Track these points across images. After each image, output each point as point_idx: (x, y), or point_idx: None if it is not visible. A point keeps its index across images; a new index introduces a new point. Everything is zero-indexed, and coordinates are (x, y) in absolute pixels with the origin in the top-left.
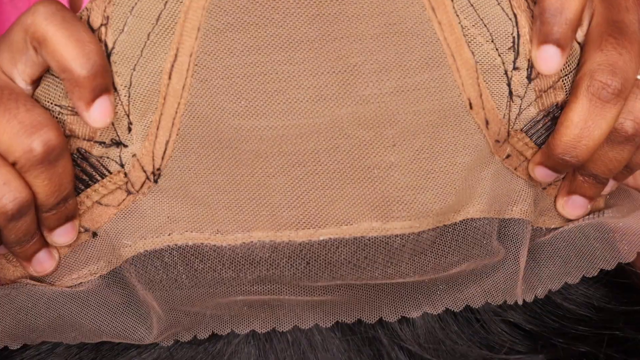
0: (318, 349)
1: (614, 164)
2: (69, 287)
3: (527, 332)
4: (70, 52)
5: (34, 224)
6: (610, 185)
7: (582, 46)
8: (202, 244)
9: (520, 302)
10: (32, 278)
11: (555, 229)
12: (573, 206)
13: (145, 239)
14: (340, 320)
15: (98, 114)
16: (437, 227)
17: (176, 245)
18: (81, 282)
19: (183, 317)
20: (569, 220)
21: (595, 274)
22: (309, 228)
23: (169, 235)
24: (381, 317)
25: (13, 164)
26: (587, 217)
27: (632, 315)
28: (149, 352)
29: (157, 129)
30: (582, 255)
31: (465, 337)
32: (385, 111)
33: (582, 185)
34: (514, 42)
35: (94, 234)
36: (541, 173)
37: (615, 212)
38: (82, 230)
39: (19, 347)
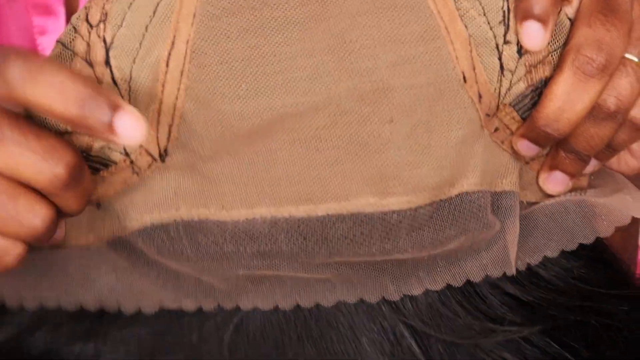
0: (322, 324)
1: (595, 140)
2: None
3: (523, 303)
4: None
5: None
6: (593, 164)
7: (572, 21)
8: (207, 219)
9: (513, 273)
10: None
11: (536, 203)
12: (554, 182)
13: (152, 213)
14: (342, 300)
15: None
16: (434, 201)
17: (182, 219)
18: (88, 247)
19: (191, 285)
20: (550, 196)
21: (574, 248)
22: (308, 204)
23: (176, 210)
24: (384, 296)
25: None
26: (569, 194)
27: (611, 289)
28: (153, 322)
29: (159, 115)
30: (562, 229)
31: (465, 310)
32: (382, 85)
33: (564, 161)
34: (504, 16)
35: (98, 205)
36: (524, 146)
37: (598, 192)
38: None
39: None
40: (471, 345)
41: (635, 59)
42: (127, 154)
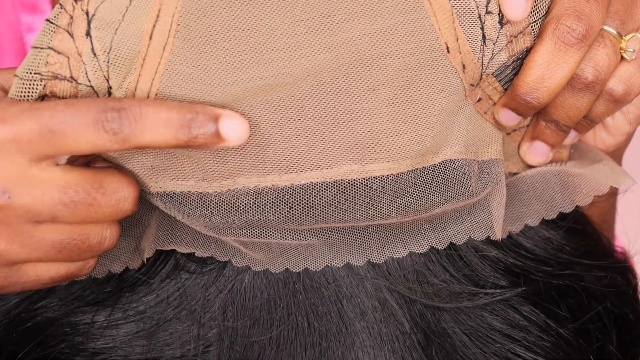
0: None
1: (573, 111)
2: None
3: (506, 268)
4: None
5: None
6: (572, 136)
7: None
8: (189, 192)
9: (499, 238)
10: None
11: (517, 173)
12: (535, 152)
13: None
14: (329, 265)
15: None
16: (417, 168)
17: (165, 192)
18: None
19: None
20: (531, 167)
21: (554, 217)
22: (291, 172)
23: (155, 182)
24: (369, 259)
25: None
26: (549, 164)
27: (590, 259)
28: (164, 287)
29: (135, 89)
30: (542, 198)
31: (449, 275)
32: (361, 54)
33: (544, 131)
34: None
35: None
36: (505, 115)
37: (577, 163)
38: None
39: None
40: (455, 309)
41: (614, 31)
42: None
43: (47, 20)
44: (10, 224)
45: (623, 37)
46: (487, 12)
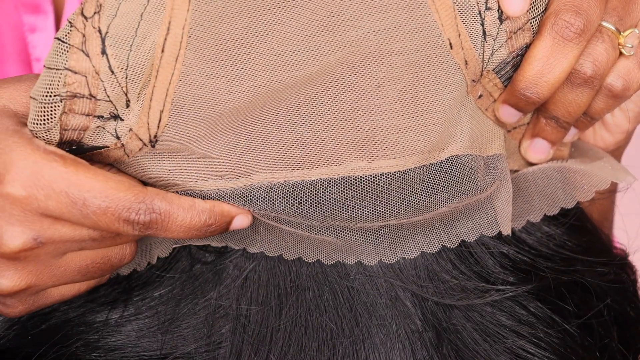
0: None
1: (573, 106)
2: None
3: (515, 264)
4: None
5: None
6: (572, 133)
7: None
8: (208, 190)
9: (509, 233)
10: None
11: (519, 170)
12: (535, 149)
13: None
14: (341, 261)
15: None
16: (424, 165)
17: (183, 191)
18: None
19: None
20: (532, 164)
21: (556, 212)
22: (302, 168)
23: (175, 186)
24: (381, 259)
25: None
26: (550, 162)
27: (592, 256)
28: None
29: (151, 100)
30: (544, 194)
31: (460, 272)
32: (369, 51)
33: (545, 128)
34: None
35: None
36: (505, 111)
37: (578, 160)
38: None
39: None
40: (466, 307)
41: (612, 27)
42: (118, 137)
43: (59, 39)
44: (40, 261)
45: (621, 33)
46: (487, 8)
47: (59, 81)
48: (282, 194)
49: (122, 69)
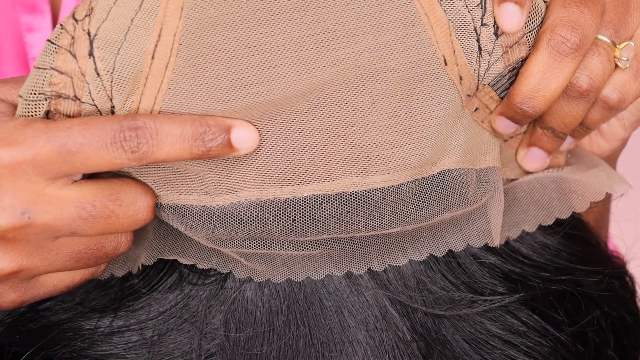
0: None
1: (569, 118)
2: None
3: (504, 274)
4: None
5: None
6: (568, 142)
7: (547, 4)
8: (192, 205)
9: (497, 245)
10: None
11: (515, 180)
12: (532, 158)
13: None
14: (330, 274)
15: None
16: (416, 179)
17: (167, 204)
18: None
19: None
20: (528, 173)
21: (551, 223)
22: (292, 185)
23: (158, 197)
24: (370, 268)
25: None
26: (546, 170)
27: (587, 265)
28: (169, 296)
29: (138, 108)
30: (539, 204)
31: (449, 282)
32: (365, 69)
33: (541, 138)
34: None
35: None
36: (502, 123)
37: (574, 169)
38: None
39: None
40: (455, 317)
41: (607, 40)
42: None
43: (49, 40)
44: (30, 241)
45: (617, 46)
46: (483, 25)
47: (44, 80)
48: (275, 211)
49: (108, 71)
